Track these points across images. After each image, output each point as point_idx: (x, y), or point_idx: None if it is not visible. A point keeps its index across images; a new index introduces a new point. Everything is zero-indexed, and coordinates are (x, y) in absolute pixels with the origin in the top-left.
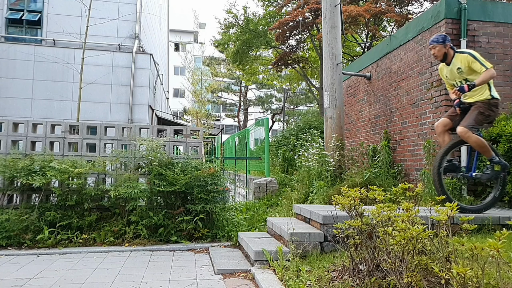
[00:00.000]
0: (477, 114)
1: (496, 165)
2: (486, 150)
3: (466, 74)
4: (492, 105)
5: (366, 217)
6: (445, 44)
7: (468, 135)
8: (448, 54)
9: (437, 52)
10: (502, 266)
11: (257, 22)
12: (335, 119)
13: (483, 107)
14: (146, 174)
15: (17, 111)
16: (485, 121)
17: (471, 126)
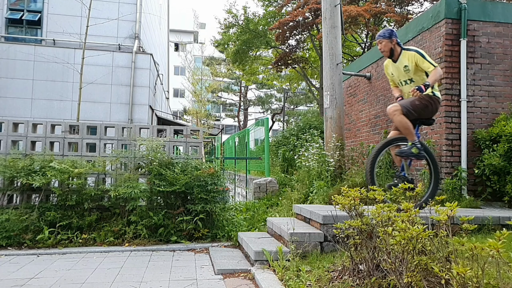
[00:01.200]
0: (416, 99)
1: (415, 148)
2: (409, 133)
3: (412, 73)
4: (432, 98)
5: (366, 217)
6: (391, 39)
7: (396, 113)
8: (394, 50)
9: (383, 47)
10: (502, 266)
11: (257, 22)
12: (335, 119)
13: (423, 97)
14: (146, 174)
15: (17, 111)
16: (422, 110)
17: (404, 106)
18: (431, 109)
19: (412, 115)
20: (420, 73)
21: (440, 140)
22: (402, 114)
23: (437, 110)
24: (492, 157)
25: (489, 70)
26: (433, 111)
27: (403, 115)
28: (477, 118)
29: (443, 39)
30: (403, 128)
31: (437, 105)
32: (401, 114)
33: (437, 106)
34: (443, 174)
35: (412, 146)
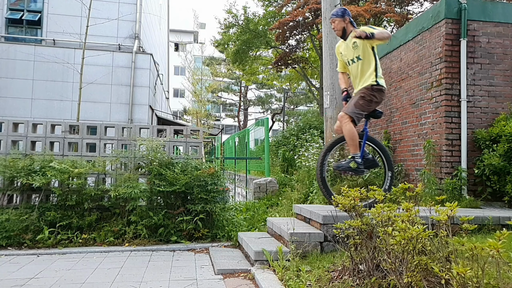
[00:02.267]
0: (358, 99)
1: (354, 163)
2: (354, 144)
3: (360, 50)
4: (375, 90)
5: (366, 217)
6: (344, 17)
7: (345, 122)
8: (347, 30)
9: (336, 25)
10: (502, 266)
11: (257, 22)
12: (335, 119)
13: (365, 92)
14: (146, 174)
15: (17, 111)
16: (368, 106)
17: (351, 112)
18: (376, 101)
19: (361, 116)
20: (368, 51)
21: (440, 140)
22: (351, 122)
23: (382, 100)
24: (492, 157)
25: (489, 70)
26: (379, 103)
27: (352, 122)
28: (477, 118)
29: (443, 39)
30: (349, 139)
31: (382, 95)
32: (350, 122)
33: (382, 97)
34: (443, 174)
35: (351, 160)
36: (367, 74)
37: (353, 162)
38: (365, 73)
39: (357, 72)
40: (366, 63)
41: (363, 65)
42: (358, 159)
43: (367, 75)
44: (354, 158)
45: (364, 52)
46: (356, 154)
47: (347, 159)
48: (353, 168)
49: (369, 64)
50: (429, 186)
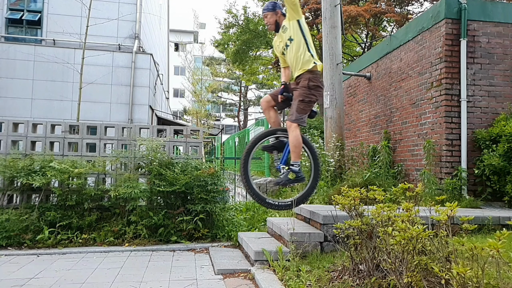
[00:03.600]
0: (298, 103)
1: (292, 173)
2: (297, 152)
3: (290, 30)
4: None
5: (366, 217)
6: (276, 11)
7: (291, 130)
8: (279, 23)
9: (269, 19)
10: (502, 266)
11: (257, 22)
12: (335, 119)
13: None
14: (146, 174)
15: (17, 111)
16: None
17: (296, 119)
18: (315, 99)
19: (305, 117)
20: (296, 28)
21: (440, 140)
22: (298, 128)
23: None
24: (492, 157)
25: (489, 70)
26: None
27: (299, 127)
28: (477, 118)
29: (443, 39)
30: (294, 146)
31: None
32: (297, 128)
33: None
34: (443, 174)
35: (288, 171)
36: (302, 54)
37: (291, 173)
38: (298, 53)
39: (292, 56)
40: (296, 42)
41: (295, 45)
42: (296, 167)
43: (302, 56)
44: (292, 167)
45: (293, 31)
46: (296, 162)
47: (284, 172)
48: (293, 179)
49: (299, 42)
50: (429, 186)
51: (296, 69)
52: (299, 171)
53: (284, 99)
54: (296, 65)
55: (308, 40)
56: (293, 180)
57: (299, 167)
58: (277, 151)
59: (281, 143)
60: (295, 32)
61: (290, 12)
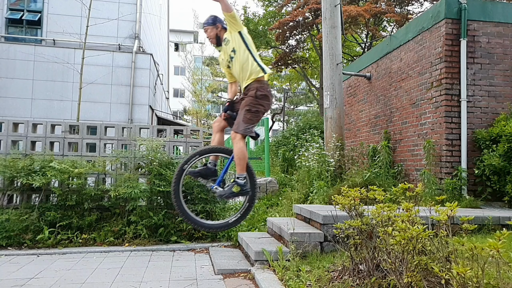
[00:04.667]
0: (245, 113)
1: (236, 186)
2: (242, 164)
3: (232, 42)
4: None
5: (366, 217)
6: (216, 25)
7: (236, 141)
8: (220, 37)
9: (209, 34)
10: (502, 266)
11: (257, 22)
12: (335, 119)
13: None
14: (146, 174)
15: (17, 111)
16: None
17: (242, 129)
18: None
19: (252, 128)
20: (238, 39)
21: (440, 140)
22: (243, 140)
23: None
24: (492, 157)
25: (489, 70)
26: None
27: (244, 140)
28: (477, 118)
29: (443, 39)
30: (238, 159)
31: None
32: (241, 139)
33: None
34: (443, 174)
35: (233, 184)
36: (248, 64)
37: (235, 186)
38: (244, 63)
39: (238, 67)
40: (240, 53)
41: (239, 57)
42: (241, 181)
43: (248, 67)
44: (237, 180)
45: (235, 43)
46: (241, 175)
47: (229, 184)
48: (237, 192)
49: (243, 53)
50: (429, 186)
51: (244, 80)
52: (245, 184)
53: (228, 117)
54: (243, 76)
55: (252, 50)
56: (237, 194)
57: (245, 179)
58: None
59: (207, 171)
60: (238, 43)
61: (230, 25)
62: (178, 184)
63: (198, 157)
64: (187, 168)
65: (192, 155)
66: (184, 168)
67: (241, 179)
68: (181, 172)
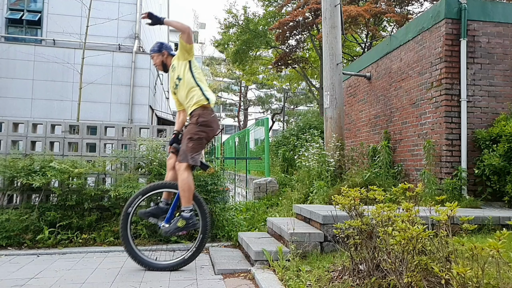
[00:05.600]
0: (187, 142)
1: (182, 220)
2: (187, 196)
3: (177, 69)
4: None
5: (366, 217)
6: (162, 52)
7: (184, 170)
8: (167, 63)
9: (155, 61)
10: (502, 266)
11: (257, 22)
12: (335, 119)
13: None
14: (146, 174)
15: (17, 111)
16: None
17: (185, 159)
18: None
19: (197, 157)
20: (186, 69)
21: (440, 140)
22: (188, 170)
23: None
24: (492, 157)
25: (489, 70)
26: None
27: (189, 169)
28: (477, 118)
29: (443, 39)
30: (183, 190)
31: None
32: (186, 169)
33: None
34: (443, 174)
35: (178, 218)
36: (192, 91)
37: (180, 220)
38: (188, 91)
39: (183, 94)
40: (185, 80)
41: (184, 84)
42: (187, 214)
43: (192, 93)
44: (182, 213)
45: (182, 71)
46: (186, 207)
47: (175, 219)
48: (182, 226)
49: (188, 80)
50: (429, 186)
51: (189, 107)
52: (191, 217)
53: (175, 151)
54: (188, 103)
55: (197, 79)
56: (183, 228)
57: (191, 212)
58: (153, 218)
59: (158, 210)
60: (184, 71)
61: (182, 54)
62: (126, 230)
63: (141, 197)
64: (131, 211)
65: (134, 196)
66: (129, 211)
67: (187, 212)
68: (126, 216)
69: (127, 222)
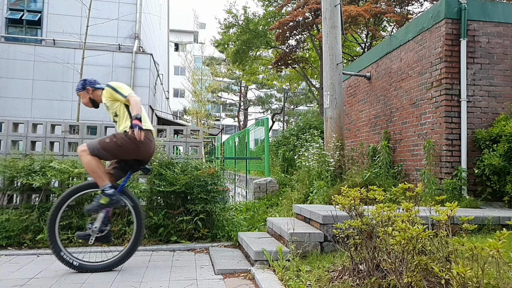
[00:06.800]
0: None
1: (104, 197)
2: (98, 176)
3: (111, 108)
4: (129, 137)
5: (366, 217)
6: (86, 89)
7: (82, 154)
8: (96, 99)
9: (83, 99)
10: (502, 266)
11: (257, 22)
12: (335, 119)
13: (118, 134)
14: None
15: (17, 111)
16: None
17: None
18: (131, 149)
19: (105, 155)
20: (119, 105)
21: (440, 140)
22: (90, 155)
23: (146, 150)
24: (492, 157)
25: (489, 70)
26: (138, 152)
27: (92, 155)
28: (477, 118)
29: (443, 39)
30: (90, 171)
31: (140, 144)
32: (88, 155)
33: (140, 146)
34: (443, 174)
35: (100, 196)
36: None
37: (103, 198)
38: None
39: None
40: (121, 117)
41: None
42: (108, 191)
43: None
44: (103, 191)
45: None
46: (104, 186)
47: (97, 197)
48: (106, 203)
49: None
50: (429, 186)
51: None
52: (113, 193)
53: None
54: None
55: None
56: (107, 205)
57: (111, 189)
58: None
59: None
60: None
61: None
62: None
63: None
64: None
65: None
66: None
67: (107, 189)
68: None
69: (55, 224)
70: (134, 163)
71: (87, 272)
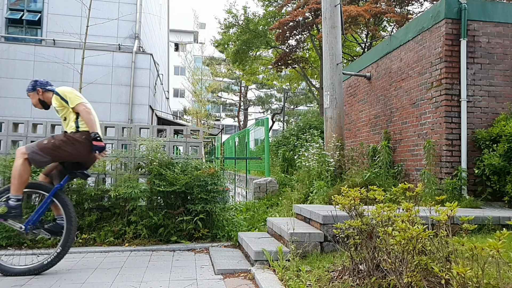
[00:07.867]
0: (46, 138)
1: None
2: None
3: (60, 112)
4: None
5: (366, 217)
6: (36, 90)
7: (17, 157)
8: (46, 100)
9: (32, 100)
10: (502, 266)
11: (257, 22)
12: (335, 119)
13: (57, 136)
14: (146, 174)
15: (17, 111)
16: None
17: (30, 148)
18: (66, 150)
19: (43, 157)
20: (67, 110)
21: (440, 140)
22: (23, 160)
23: (81, 153)
24: (492, 157)
25: (489, 70)
26: (75, 155)
27: (26, 161)
28: (477, 118)
29: (443, 39)
30: (14, 175)
31: (79, 145)
32: (22, 159)
33: (78, 147)
34: (443, 174)
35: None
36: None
37: (3, 207)
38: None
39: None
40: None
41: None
42: (13, 202)
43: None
44: (8, 200)
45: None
46: (15, 196)
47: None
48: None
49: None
50: (429, 186)
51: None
52: (16, 207)
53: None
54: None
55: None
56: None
57: (18, 203)
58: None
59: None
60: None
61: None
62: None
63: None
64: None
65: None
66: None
67: (14, 200)
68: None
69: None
70: (73, 166)
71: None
